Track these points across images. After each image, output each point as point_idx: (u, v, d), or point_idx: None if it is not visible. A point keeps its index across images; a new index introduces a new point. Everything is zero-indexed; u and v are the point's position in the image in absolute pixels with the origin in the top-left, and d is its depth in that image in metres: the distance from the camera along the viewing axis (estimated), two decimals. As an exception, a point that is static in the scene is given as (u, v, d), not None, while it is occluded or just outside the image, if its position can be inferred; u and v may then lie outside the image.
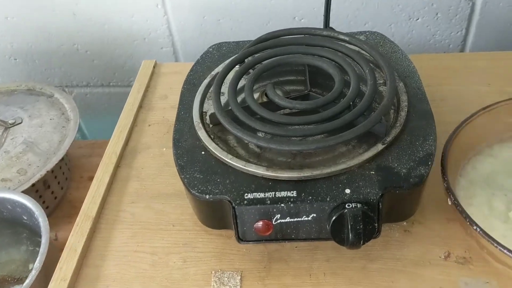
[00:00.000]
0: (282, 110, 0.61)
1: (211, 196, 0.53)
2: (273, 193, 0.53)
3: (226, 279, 0.57)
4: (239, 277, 0.57)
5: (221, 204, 0.53)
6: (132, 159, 0.71)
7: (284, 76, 0.69)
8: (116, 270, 0.58)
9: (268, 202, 0.52)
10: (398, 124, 0.57)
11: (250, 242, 0.55)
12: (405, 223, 0.60)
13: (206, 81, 0.67)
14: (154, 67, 0.86)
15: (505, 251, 0.47)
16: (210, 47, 0.75)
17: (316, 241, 0.57)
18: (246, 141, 0.58)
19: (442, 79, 0.77)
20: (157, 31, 0.98)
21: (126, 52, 1.02)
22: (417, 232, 0.59)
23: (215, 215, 0.56)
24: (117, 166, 0.70)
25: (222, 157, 0.56)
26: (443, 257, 0.56)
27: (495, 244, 0.48)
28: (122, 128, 0.75)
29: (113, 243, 0.61)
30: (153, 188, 0.67)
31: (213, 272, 0.57)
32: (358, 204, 0.51)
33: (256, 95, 0.64)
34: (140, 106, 0.79)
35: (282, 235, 0.54)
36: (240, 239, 0.54)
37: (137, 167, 0.70)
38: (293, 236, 0.54)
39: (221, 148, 0.57)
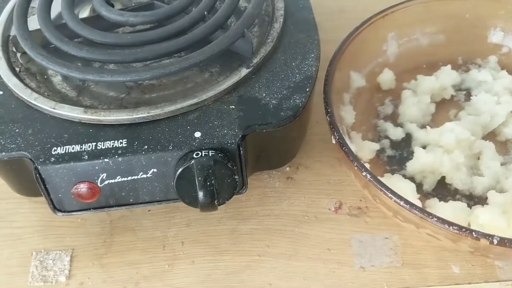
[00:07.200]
0: (122, 28, 0.45)
1: (5, 153, 0.37)
2: (94, 144, 0.37)
3: (50, 261, 0.42)
4: (69, 258, 0.42)
5: (23, 164, 0.38)
6: None
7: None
8: None
9: (86, 157, 0.37)
10: (269, 40, 0.43)
11: (73, 213, 0.40)
12: (288, 168, 0.47)
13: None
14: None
15: (401, 202, 0.35)
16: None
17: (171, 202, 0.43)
18: (55, 72, 0.41)
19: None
20: None
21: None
22: (302, 179, 0.46)
23: (22, 180, 0.41)
24: None
25: (24, 97, 0.40)
26: (333, 209, 0.44)
27: (389, 194, 0.36)
28: None
29: None
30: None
31: (34, 253, 0.42)
32: (209, 151, 0.37)
33: (87, 11, 0.47)
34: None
35: (115, 200, 0.39)
36: (56, 209, 0.39)
37: None
38: (131, 200, 0.40)
39: (26, 85, 0.41)
